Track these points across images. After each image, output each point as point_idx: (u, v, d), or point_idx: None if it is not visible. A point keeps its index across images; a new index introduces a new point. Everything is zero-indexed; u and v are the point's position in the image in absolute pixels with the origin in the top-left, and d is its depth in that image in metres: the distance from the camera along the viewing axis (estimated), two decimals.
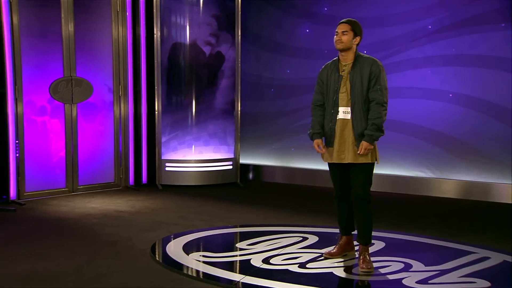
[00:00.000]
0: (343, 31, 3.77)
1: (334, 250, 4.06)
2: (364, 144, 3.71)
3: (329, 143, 3.87)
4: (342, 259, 4.00)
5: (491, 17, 6.28)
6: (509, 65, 6.21)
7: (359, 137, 3.75)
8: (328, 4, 7.35)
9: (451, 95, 6.56)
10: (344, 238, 4.08)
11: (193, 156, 7.26)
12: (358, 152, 3.72)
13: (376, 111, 3.71)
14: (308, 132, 3.96)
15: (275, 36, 7.79)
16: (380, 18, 6.96)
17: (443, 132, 6.66)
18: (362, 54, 3.84)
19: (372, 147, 3.74)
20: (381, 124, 3.71)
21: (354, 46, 3.81)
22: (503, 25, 6.21)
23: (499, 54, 6.26)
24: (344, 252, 4.06)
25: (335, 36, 3.81)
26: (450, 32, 6.53)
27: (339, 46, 3.79)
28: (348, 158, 3.78)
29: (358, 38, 3.80)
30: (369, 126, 3.71)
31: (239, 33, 7.37)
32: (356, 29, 3.79)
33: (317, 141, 3.90)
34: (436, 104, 6.67)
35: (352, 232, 4.09)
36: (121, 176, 7.09)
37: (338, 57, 3.87)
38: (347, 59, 3.82)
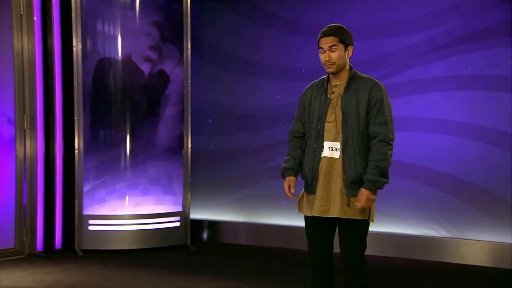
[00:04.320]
0: (330, 46, 3.74)
1: None
2: (365, 193, 3.66)
3: (309, 189, 3.81)
4: None
5: None
6: None
7: (351, 184, 3.70)
8: (307, 9, 7.39)
9: None
10: None
11: (127, 210, 7.22)
12: (357, 204, 3.67)
13: (381, 151, 3.70)
14: (280, 168, 3.92)
15: (237, 50, 7.84)
16: (374, 28, 7.01)
17: (459, 177, 6.67)
18: (359, 73, 3.85)
19: (375, 197, 3.70)
20: (386, 167, 3.70)
21: (348, 61, 3.82)
22: None
23: None
24: None
25: (321, 55, 3.79)
26: (465, 46, 6.61)
27: (331, 70, 3.79)
28: (334, 211, 3.72)
29: (351, 49, 3.81)
30: (371, 169, 3.68)
31: (189, 46, 7.42)
32: (346, 39, 3.77)
33: (289, 179, 3.83)
34: (448, 140, 6.72)
35: None
36: (25, 239, 6.92)
37: (328, 75, 3.87)
38: (339, 79, 3.82)
